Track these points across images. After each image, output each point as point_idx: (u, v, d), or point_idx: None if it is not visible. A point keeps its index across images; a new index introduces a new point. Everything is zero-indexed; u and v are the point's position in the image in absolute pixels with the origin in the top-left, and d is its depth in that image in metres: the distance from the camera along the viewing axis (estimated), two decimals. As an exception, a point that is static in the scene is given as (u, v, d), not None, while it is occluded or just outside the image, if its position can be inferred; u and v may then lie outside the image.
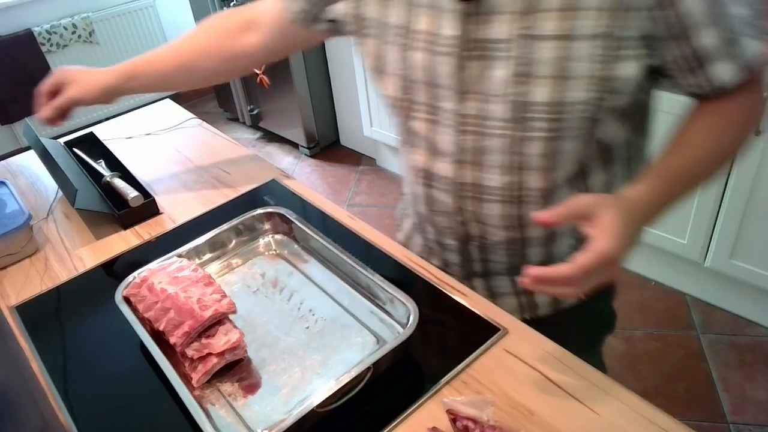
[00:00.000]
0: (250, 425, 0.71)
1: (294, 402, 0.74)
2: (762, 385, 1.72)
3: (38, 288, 0.98)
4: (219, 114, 3.64)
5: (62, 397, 0.78)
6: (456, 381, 0.74)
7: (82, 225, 1.13)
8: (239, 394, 0.76)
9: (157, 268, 0.87)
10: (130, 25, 3.38)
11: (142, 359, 0.81)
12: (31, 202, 1.22)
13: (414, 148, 0.85)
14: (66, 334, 0.89)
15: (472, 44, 0.71)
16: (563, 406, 0.70)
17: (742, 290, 1.89)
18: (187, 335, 0.77)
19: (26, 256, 1.05)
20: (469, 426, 0.66)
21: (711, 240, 1.82)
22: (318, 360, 0.79)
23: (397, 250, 0.95)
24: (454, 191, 0.82)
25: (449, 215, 0.86)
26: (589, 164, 0.78)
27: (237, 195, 1.16)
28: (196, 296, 0.81)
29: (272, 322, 0.85)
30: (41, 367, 0.83)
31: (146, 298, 0.83)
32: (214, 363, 0.76)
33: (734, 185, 1.68)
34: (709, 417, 1.65)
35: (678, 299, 2.04)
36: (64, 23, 3.12)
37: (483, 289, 0.93)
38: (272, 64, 2.86)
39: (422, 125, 0.81)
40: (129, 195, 1.11)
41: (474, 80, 0.73)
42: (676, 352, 1.85)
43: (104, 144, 1.32)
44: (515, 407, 0.70)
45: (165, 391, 0.76)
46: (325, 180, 2.93)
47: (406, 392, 0.74)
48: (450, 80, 0.74)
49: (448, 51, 0.73)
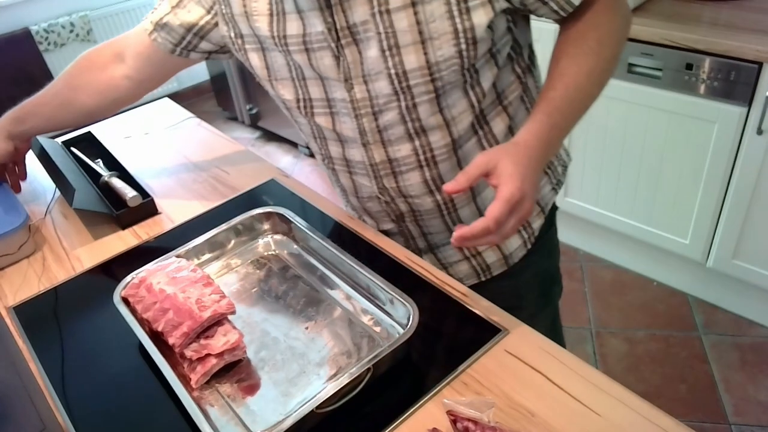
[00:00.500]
0: (250, 426, 0.71)
1: (293, 403, 0.73)
2: (764, 386, 1.71)
3: (36, 288, 0.98)
4: (218, 113, 3.64)
5: (60, 398, 0.78)
6: (456, 382, 0.74)
7: (80, 225, 1.12)
8: (238, 395, 0.75)
9: (155, 269, 0.87)
10: (128, 24, 3.37)
11: (140, 360, 0.81)
12: (28, 203, 1.21)
13: (326, 140, 0.91)
14: (64, 335, 0.88)
15: (342, 33, 0.76)
16: (564, 407, 0.69)
17: (744, 291, 1.89)
18: (185, 336, 0.76)
19: (24, 257, 1.05)
20: (470, 427, 0.66)
21: (713, 240, 1.82)
22: (317, 360, 0.78)
23: (397, 250, 0.95)
24: (372, 173, 0.90)
25: (377, 199, 0.93)
26: (485, 110, 0.85)
27: (236, 195, 1.16)
28: (194, 297, 0.80)
29: (271, 323, 0.85)
30: (39, 368, 0.83)
31: (145, 299, 0.82)
32: (213, 364, 0.75)
33: (736, 185, 1.68)
34: (711, 418, 1.65)
35: (680, 300, 2.03)
36: (62, 22, 3.11)
37: (435, 263, 0.99)
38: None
39: (325, 119, 0.87)
40: (127, 195, 1.10)
41: (353, 66, 0.78)
42: (678, 353, 1.85)
43: (102, 143, 1.32)
44: (516, 408, 0.70)
45: (164, 392, 0.75)
46: (325, 179, 2.93)
47: (406, 393, 0.73)
48: (333, 71, 0.80)
49: (322, 45, 0.78)
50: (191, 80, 3.80)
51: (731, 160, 1.66)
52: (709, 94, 1.62)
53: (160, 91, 3.60)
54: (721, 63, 1.56)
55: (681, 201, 1.81)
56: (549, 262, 1.09)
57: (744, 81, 1.54)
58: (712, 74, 1.59)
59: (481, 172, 0.69)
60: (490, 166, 0.68)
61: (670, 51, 1.63)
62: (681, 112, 1.69)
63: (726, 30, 1.59)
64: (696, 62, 1.60)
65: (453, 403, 0.69)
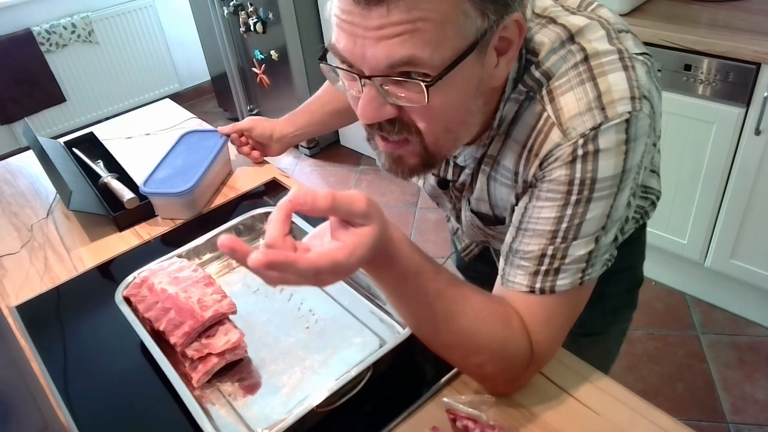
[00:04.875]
0: (251, 425, 0.71)
1: (294, 402, 0.74)
2: (762, 385, 1.72)
3: (38, 288, 0.98)
4: (219, 113, 3.64)
5: (62, 397, 0.78)
6: (456, 381, 0.74)
7: (82, 225, 1.13)
8: (239, 394, 0.76)
9: (157, 269, 0.87)
10: (130, 25, 3.37)
11: (142, 359, 0.81)
12: (30, 203, 1.22)
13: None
14: (66, 334, 0.89)
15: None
16: (563, 406, 0.70)
17: (742, 290, 1.89)
18: (187, 335, 0.77)
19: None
20: (469, 426, 0.66)
21: (711, 240, 1.82)
22: (318, 360, 0.79)
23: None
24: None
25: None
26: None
27: (237, 195, 1.16)
28: (196, 296, 0.81)
29: (272, 322, 0.85)
30: (41, 367, 0.83)
31: (146, 298, 0.83)
32: (214, 363, 0.76)
33: (734, 185, 1.68)
34: (709, 417, 1.65)
35: (678, 299, 2.04)
36: (64, 23, 3.11)
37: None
38: (272, 63, 2.88)
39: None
40: (125, 197, 1.11)
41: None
42: (676, 352, 1.85)
43: (103, 144, 1.32)
44: (515, 407, 0.70)
45: (165, 391, 0.76)
46: (325, 180, 2.93)
47: (406, 392, 0.73)
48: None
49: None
50: (192, 81, 3.80)
51: (729, 160, 1.66)
52: (707, 95, 1.63)
53: (161, 92, 3.62)
54: (719, 64, 1.56)
55: (679, 201, 1.82)
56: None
57: (742, 82, 1.55)
58: (711, 75, 1.59)
59: (348, 214, 0.52)
60: (358, 220, 0.53)
61: (669, 52, 1.64)
62: (679, 113, 1.69)
63: (724, 31, 1.59)
64: (694, 63, 1.61)
65: (452, 401, 0.70)
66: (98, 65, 3.33)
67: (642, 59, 0.63)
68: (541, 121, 0.63)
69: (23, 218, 1.17)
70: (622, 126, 0.59)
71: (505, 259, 0.68)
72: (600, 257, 0.65)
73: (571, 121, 0.60)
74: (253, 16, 2.73)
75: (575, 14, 0.65)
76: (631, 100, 0.60)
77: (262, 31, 2.74)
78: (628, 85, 0.60)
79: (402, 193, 2.74)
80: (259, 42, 2.84)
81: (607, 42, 0.63)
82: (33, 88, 3.12)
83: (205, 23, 3.18)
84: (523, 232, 0.65)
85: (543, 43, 0.63)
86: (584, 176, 0.60)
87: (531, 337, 0.66)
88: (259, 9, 2.70)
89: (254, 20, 2.72)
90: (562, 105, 0.61)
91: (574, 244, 0.63)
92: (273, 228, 0.51)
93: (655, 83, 0.65)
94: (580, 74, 0.61)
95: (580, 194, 0.61)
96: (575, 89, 0.61)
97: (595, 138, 0.59)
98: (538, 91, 0.63)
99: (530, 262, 0.65)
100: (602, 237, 0.64)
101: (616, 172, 0.61)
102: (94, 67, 3.32)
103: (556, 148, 0.61)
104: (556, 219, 0.63)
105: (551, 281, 0.64)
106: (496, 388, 0.71)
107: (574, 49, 0.62)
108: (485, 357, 0.65)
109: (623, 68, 0.61)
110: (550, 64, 0.62)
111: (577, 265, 0.64)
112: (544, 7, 0.66)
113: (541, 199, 0.63)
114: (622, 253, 0.75)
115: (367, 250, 0.53)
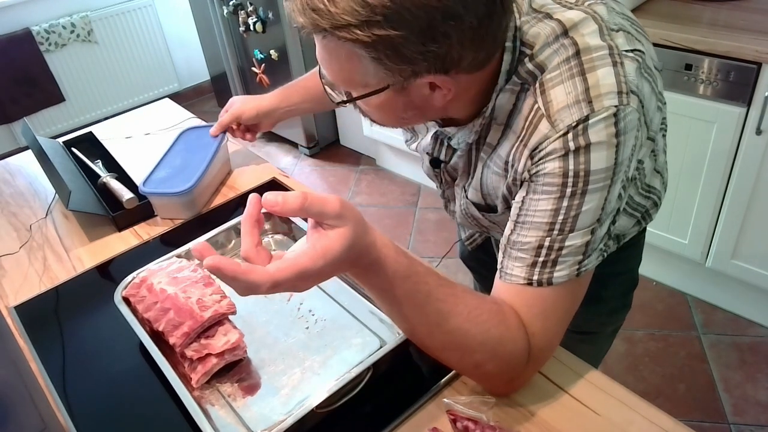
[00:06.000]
0: (250, 426, 0.71)
1: (294, 402, 0.73)
2: (763, 385, 1.72)
3: (37, 288, 0.98)
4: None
5: (61, 397, 0.78)
6: (456, 381, 0.74)
7: (81, 225, 1.12)
8: (239, 395, 0.75)
9: (156, 269, 0.87)
10: (129, 24, 3.37)
11: (141, 360, 0.81)
12: (29, 203, 1.21)
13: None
14: (65, 335, 0.88)
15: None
16: (563, 407, 0.69)
17: (743, 290, 1.89)
18: (186, 336, 0.76)
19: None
20: (470, 426, 0.66)
21: (712, 240, 1.82)
22: (318, 360, 0.79)
23: (397, 250, 0.95)
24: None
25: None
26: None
27: (236, 195, 1.16)
28: (195, 297, 0.80)
29: (272, 323, 0.85)
30: (40, 367, 0.83)
31: (146, 299, 0.82)
32: (214, 363, 0.75)
33: (735, 185, 1.68)
34: (710, 417, 1.65)
35: (679, 299, 2.03)
36: (63, 22, 3.11)
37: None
38: (272, 63, 2.87)
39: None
40: (124, 197, 1.10)
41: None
42: (677, 353, 1.85)
43: (103, 144, 1.32)
44: (515, 407, 0.70)
45: (164, 391, 0.75)
46: (325, 180, 2.93)
47: (406, 393, 0.73)
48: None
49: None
50: (192, 80, 3.80)
51: (730, 160, 1.66)
52: (708, 95, 1.62)
53: (160, 92, 3.61)
54: (720, 63, 1.56)
55: (680, 201, 1.81)
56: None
57: (743, 81, 1.54)
58: (712, 75, 1.59)
59: (319, 215, 0.53)
60: (332, 221, 0.53)
61: (670, 51, 1.63)
62: (680, 113, 1.69)
63: (725, 30, 1.59)
64: (695, 63, 1.60)
65: (453, 402, 0.69)
66: (97, 65, 3.33)
67: (632, 56, 0.65)
68: (532, 113, 0.65)
69: (22, 218, 1.17)
70: (611, 119, 0.61)
71: (503, 253, 0.69)
72: (596, 249, 0.66)
73: (559, 113, 0.62)
74: (252, 16, 2.73)
75: (572, 9, 0.66)
76: (618, 95, 0.61)
77: (262, 30, 2.74)
78: (616, 80, 0.61)
79: (402, 193, 2.74)
80: (259, 41, 2.83)
81: (599, 38, 0.64)
82: (32, 88, 3.12)
83: (204, 23, 3.18)
84: (521, 224, 0.66)
85: (538, 36, 0.65)
86: (578, 168, 0.61)
87: (528, 331, 0.66)
88: (258, 8, 2.70)
89: (254, 20, 2.72)
90: (552, 97, 0.63)
91: (571, 236, 0.64)
92: (243, 242, 0.54)
93: (649, 79, 0.66)
94: (571, 68, 0.63)
95: (575, 186, 0.62)
96: (565, 83, 0.63)
97: (585, 131, 0.60)
98: (532, 84, 0.65)
99: (528, 254, 0.65)
100: (597, 229, 0.65)
101: (609, 165, 0.62)
102: (94, 67, 3.32)
103: (546, 140, 0.62)
104: (553, 211, 0.63)
105: (549, 273, 0.65)
106: (496, 389, 0.71)
107: (566, 43, 0.64)
108: (482, 356, 0.65)
109: (612, 64, 0.62)
110: (544, 57, 0.64)
111: (573, 257, 0.65)
112: (543, 3, 0.67)
113: (537, 192, 0.64)
114: (620, 257, 0.75)
115: (339, 253, 0.53)
